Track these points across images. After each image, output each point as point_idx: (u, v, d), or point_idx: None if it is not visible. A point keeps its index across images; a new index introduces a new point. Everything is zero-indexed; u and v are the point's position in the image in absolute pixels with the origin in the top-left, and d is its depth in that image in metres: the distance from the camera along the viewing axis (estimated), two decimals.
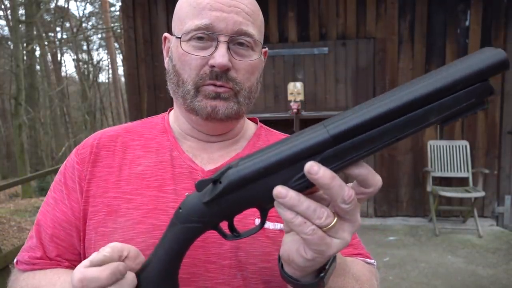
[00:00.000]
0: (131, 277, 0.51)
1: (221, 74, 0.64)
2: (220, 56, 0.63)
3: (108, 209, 0.66)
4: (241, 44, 0.65)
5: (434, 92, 0.38)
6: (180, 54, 0.66)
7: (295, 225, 0.42)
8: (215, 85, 0.65)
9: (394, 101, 0.39)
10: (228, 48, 0.64)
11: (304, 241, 0.43)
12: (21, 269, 0.70)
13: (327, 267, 0.47)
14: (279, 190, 0.41)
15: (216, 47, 0.64)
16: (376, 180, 0.42)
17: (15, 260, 0.72)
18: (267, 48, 0.73)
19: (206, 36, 0.64)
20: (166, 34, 0.73)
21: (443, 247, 4.02)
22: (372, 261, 0.71)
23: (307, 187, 0.42)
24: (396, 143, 0.41)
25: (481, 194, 4.20)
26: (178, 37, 0.66)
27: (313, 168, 0.39)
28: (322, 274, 0.47)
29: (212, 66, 0.64)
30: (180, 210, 0.49)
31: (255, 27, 0.67)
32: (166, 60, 0.73)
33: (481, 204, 4.67)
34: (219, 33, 0.63)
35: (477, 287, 3.24)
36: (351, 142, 0.40)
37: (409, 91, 0.39)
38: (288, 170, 0.42)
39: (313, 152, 0.41)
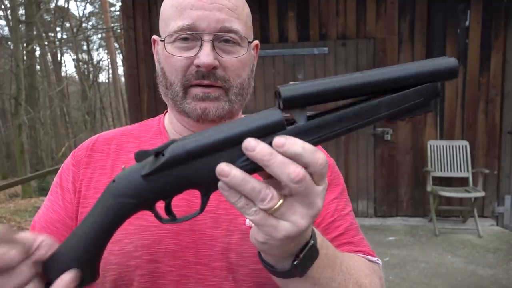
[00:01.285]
0: (25, 268, 0.43)
1: (208, 73, 0.63)
2: (205, 55, 0.61)
3: None
4: (226, 40, 0.64)
5: (387, 80, 0.40)
6: (165, 57, 0.65)
7: (238, 207, 0.40)
8: (202, 85, 0.64)
9: (347, 81, 0.40)
10: (213, 47, 0.63)
11: (252, 222, 0.41)
12: None
13: (301, 255, 0.46)
14: (222, 168, 0.38)
15: (200, 47, 0.62)
16: (314, 158, 0.39)
17: None
18: (257, 41, 0.72)
19: (190, 36, 0.63)
20: (154, 37, 0.72)
21: (443, 247, 4.02)
22: (375, 259, 0.69)
23: (254, 170, 0.40)
24: (346, 133, 0.41)
25: (481, 194, 4.19)
26: (162, 40, 0.66)
27: (251, 144, 0.38)
28: (295, 262, 0.45)
29: (198, 66, 0.63)
30: (114, 183, 0.43)
31: (240, 22, 0.65)
32: (156, 63, 0.72)
33: (481, 204, 4.67)
34: (202, 32, 0.62)
35: (477, 287, 3.24)
36: (308, 125, 0.40)
37: (364, 75, 0.40)
38: (236, 149, 0.39)
39: (264, 133, 0.39)
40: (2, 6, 13.45)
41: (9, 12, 12.47)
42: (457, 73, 0.41)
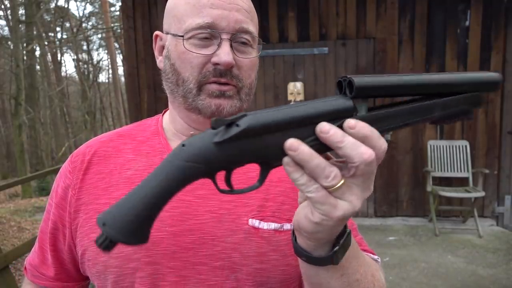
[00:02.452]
0: None
1: (225, 71, 0.64)
2: (225, 54, 0.62)
3: None
4: (243, 41, 0.65)
5: (447, 83, 0.44)
6: (180, 53, 0.65)
7: (299, 183, 0.41)
8: (218, 82, 0.64)
9: (413, 79, 0.44)
10: (231, 46, 0.64)
11: (309, 200, 0.42)
12: (28, 279, 0.77)
13: (341, 241, 0.47)
14: (292, 142, 0.40)
15: (219, 45, 0.63)
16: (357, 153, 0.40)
17: (24, 265, 0.80)
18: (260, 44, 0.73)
19: (208, 34, 0.63)
20: (157, 32, 0.72)
21: (443, 247, 4.02)
22: (376, 257, 0.70)
23: (320, 151, 0.42)
24: (399, 129, 0.44)
25: (481, 194, 4.20)
26: (180, 36, 0.65)
27: (325, 127, 0.40)
28: (336, 249, 0.47)
29: (216, 64, 0.63)
30: (184, 147, 0.43)
31: (253, 24, 0.67)
32: (159, 59, 0.71)
33: (481, 204, 4.67)
34: (221, 31, 0.63)
35: (477, 287, 3.24)
36: (370, 116, 0.42)
37: (425, 76, 0.44)
38: (306, 129, 0.41)
39: (334, 117, 0.42)
40: (2, 6, 13.45)
41: (9, 12, 12.48)
42: (499, 86, 0.47)
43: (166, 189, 0.42)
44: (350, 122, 0.40)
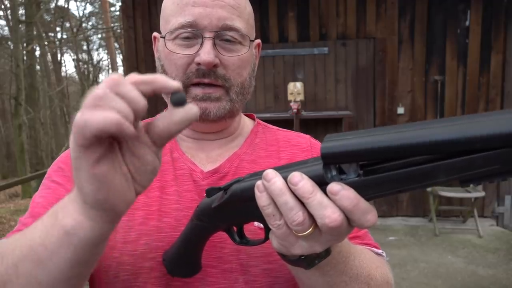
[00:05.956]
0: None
1: (208, 71, 0.62)
2: (206, 53, 0.61)
3: None
4: (228, 39, 0.63)
5: (445, 143, 0.30)
6: (166, 53, 0.64)
7: (265, 213, 0.40)
8: (202, 84, 0.63)
9: (399, 140, 0.33)
10: (214, 44, 0.62)
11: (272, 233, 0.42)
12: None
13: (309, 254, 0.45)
14: (268, 172, 0.39)
15: (201, 44, 0.62)
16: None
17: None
18: (259, 40, 0.71)
19: (191, 34, 0.62)
20: (155, 34, 0.71)
21: (443, 247, 4.02)
22: (380, 251, 0.69)
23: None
24: (397, 194, 0.37)
25: (481, 194, 4.19)
26: (162, 37, 0.65)
27: (294, 179, 0.37)
28: (302, 257, 0.45)
29: (198, 64, 0.62)
30: (198, 208, 0.54)
31: (242, 20, 0.64)
32: (157, 61, 0.71)
33: (481, 204, 4.67)
34: (203, 29, 0.61)
35: (477, 287, 3.24)
36: (350, 182, 0.37)
37: (417, 133, 0.32)
38: None
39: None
40: (2, 6, 13.46)
41: (9, 12, 12.48)
42: None
43: (191, 240, 0.56)
44: (332, 188, 0.36)
